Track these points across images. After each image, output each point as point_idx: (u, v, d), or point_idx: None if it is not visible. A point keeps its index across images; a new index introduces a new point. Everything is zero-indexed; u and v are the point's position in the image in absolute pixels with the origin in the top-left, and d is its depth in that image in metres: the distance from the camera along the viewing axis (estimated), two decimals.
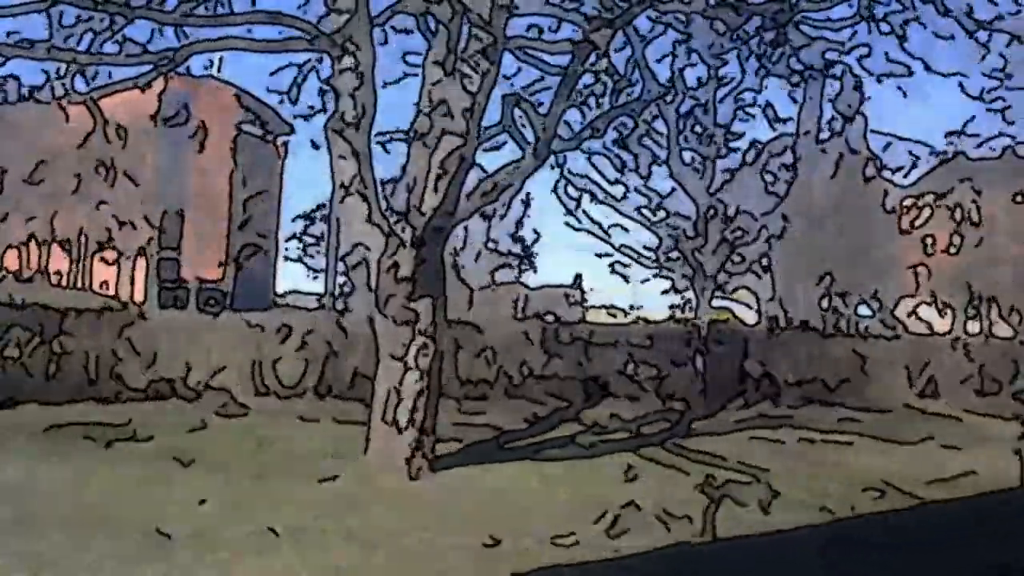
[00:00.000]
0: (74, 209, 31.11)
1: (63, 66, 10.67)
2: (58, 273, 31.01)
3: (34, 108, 16.55)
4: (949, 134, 22.50)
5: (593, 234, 17.41)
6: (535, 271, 33.60)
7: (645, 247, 17.58)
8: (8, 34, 9.85)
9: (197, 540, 6.80)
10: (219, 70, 10.69)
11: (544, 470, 10.01)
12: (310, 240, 38.23)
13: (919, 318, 29.22)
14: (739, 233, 17.25)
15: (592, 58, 10.17)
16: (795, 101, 16.12)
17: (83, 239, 31.61)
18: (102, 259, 31.92)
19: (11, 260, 31.48)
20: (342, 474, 9.17)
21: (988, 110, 14.72)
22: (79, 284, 30.79)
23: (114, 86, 10.91)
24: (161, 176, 31.59)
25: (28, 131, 28.88)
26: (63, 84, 10.93)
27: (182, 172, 32.29)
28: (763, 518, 8.19)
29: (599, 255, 19.01)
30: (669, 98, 16.28)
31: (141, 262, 32.21)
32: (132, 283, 31.76)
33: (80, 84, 11.03)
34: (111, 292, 29.46)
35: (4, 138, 29.71)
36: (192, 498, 8.00)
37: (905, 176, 24.19)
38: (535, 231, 33.67)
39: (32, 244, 31.88)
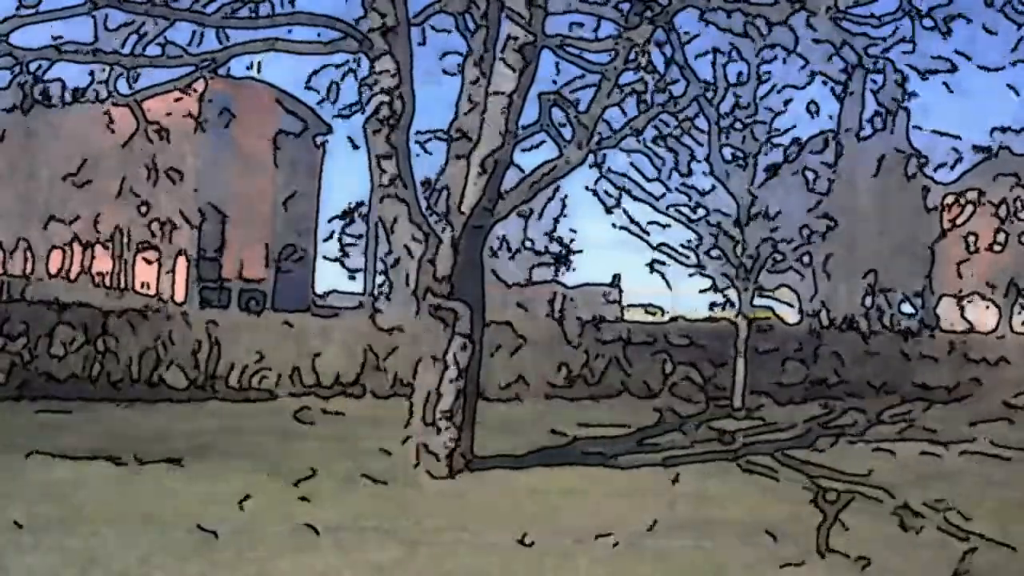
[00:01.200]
0: (117, 210, 31.48)
1: (107, 69, 10.78)
2: (101, 273, 31.39)
3: (78, 110, 16.78)
4: (994, 130, 22.15)
5: (632, 232, 17.32)
6: (568, 270, 33.50)
7: (683, 245, 17.46)
8: (53, 37, 9.97)
9: (239, 537, 6.85)
10: (259, 71, 10.79)
11: (602, 475, 9.85)
12: (349, 240, 38.41)
13: (964, 316, 28.85)
14: (780, 230, 17.09)
15: (632, 55, 10.10)
16: (837, 98, 15.93)
17: (125, 239, 31.98)
18: (144, 259, 32.28)
19: (56, 261, 31.92)
20: (380, 472, 9.20)
21: None
22: (121, 284, 31.16)
23: (156, 88, 11.02)
24: (202, 177, 31.90)
25: (72, 133, 29.28)
26: (107, 86, 11.05)
27: (223, 173, 32.58)
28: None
29: (637, 254, 18.94)
30: (710, 95, 16.16)
31: (182, 262, 32.54)
32: (173, 283, 32.10)
33: (123, 86, 11.14)
34: (152, 292, 29.80)
35: (49, 140, 30.15)
36: (234, 495, 8.06)
37: (950, 170, 23.86)
38: (572, 230, 33.60)
39: (76, 245, 32.31)
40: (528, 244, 32.45)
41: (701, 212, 17.12)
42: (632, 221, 17.38)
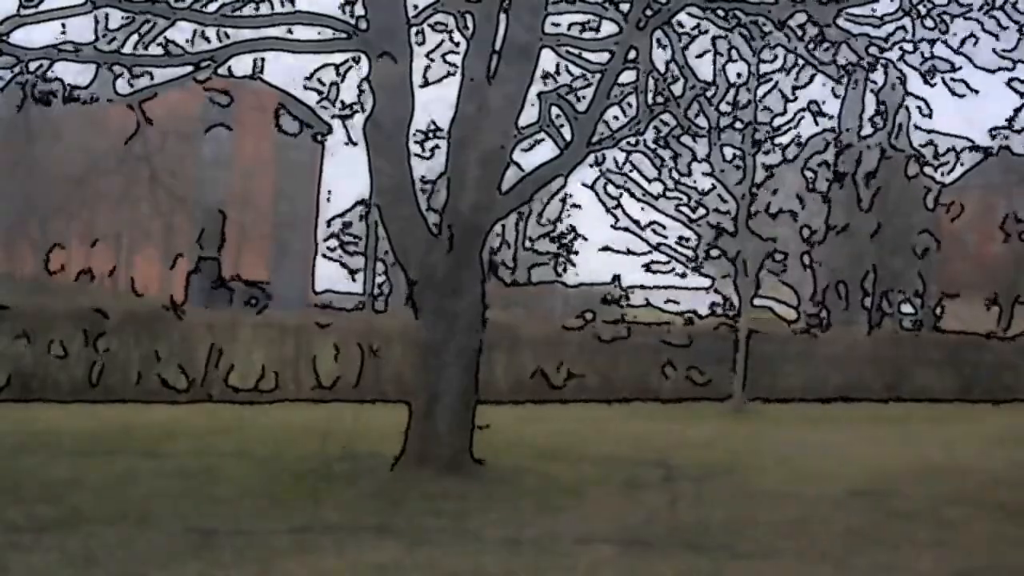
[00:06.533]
0: (116, 210, 31.51)
1: (107, 68, 10.76)
2: (101, 273, 31.38)
3: (78, 111, 16.76)
4: (994, 129, 22.10)
5: (632, 232, 17.35)
6: (566, 270, 33.47)
7: (684, 245, 17.47)
8: (55, 37, 9.96)
9: (238, 537, 6.84)
10: (262, 71, 10.81)
11: (603, 475, 9.74)
12: (348, 239, 38.42)
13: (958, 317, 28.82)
14: (780, 230, 17.10)
15: (632, 55, 10.10)
16: (837, 97, 15.95)
17: (125, 239, 32.01)
18: (144, 259, 32.31)
19: (55, 261, 31.90)
20: (380, 472, 9.19)
21: None
22: (121, 284, 31.17)
23: (157, 88, 10.99)
24: (203, 177, 31.93)
25: (72, 134, 29.30)
26: (107, 86, 11.02)
27: (223, 172, 32.61)
28: None
29: (637, 253, 18.95)
30: (710, 94, 16.16)
31: (182, 262, 32.56)
32: (173, 283, 32.12)
33: (123, 86, 11.10)
34: (152, 292, 29.81)
35: (49, 141, 30.16)
36: (232, 495, 8.05)
37: (949, 172, 23.84)
38: (573, 229, 33.57)
39: (75, 245, 32.33)
40: (528, 244, 32.44)
41: (701, 212, 17.14)
42: (633, 221, 17.40)
